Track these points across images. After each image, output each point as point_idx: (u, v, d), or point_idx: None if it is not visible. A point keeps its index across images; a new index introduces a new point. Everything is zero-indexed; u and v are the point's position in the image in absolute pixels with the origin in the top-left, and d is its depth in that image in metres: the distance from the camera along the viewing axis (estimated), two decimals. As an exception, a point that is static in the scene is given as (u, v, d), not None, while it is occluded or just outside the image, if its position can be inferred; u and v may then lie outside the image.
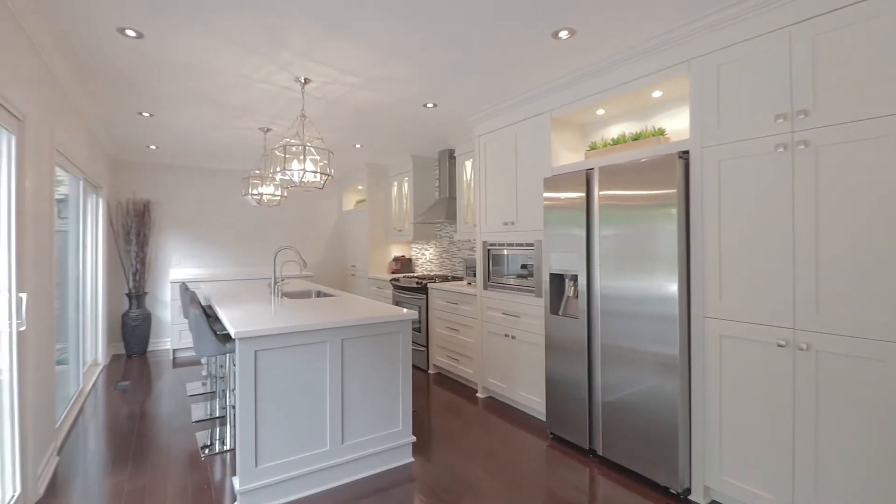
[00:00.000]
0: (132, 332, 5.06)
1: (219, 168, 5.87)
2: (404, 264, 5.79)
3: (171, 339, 5.15)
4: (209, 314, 3.48)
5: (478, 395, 3.78)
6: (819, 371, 1.80)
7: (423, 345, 4.54)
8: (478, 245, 3.75)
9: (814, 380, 1.81)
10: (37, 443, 2.26)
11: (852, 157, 1.71)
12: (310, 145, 2.81)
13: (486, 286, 3.66)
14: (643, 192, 2.33)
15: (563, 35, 2.29)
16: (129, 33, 2.25)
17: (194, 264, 5.69)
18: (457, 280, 4.65)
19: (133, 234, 5.17)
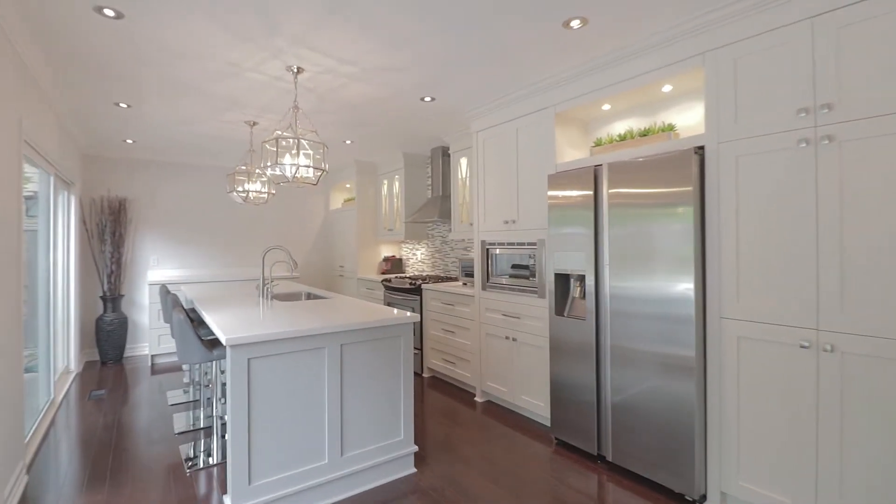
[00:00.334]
0: (107, 337, 4.78)
1: (200, 164, 5.61)
2: (395, 264, 5.64)
3: (150, 345, 4.88)
4: (192, 318, 3.28)
5: (476, 399, 3.66)
6: (844, 373, 1.74)
7: (418, 347, 4.41)
8: (476, 244, 3.63)
9: (839, 382, 1.75)
10: (3, 460, 2.04)
11: (879, 152, 1.65)
12: (304, 139, 2.65)
13: (484, 287, 3.55)
14: (656, 190, 2.25)
15: (575, 24, 2.19)
16: (107, 13, 2.06)
17: (173, 265, 5.43)
18: (451, 280, 4.53)
19: (108, 233, 4.89)
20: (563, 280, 2.81)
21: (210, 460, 2.63)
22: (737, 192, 2.04)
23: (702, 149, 2.17)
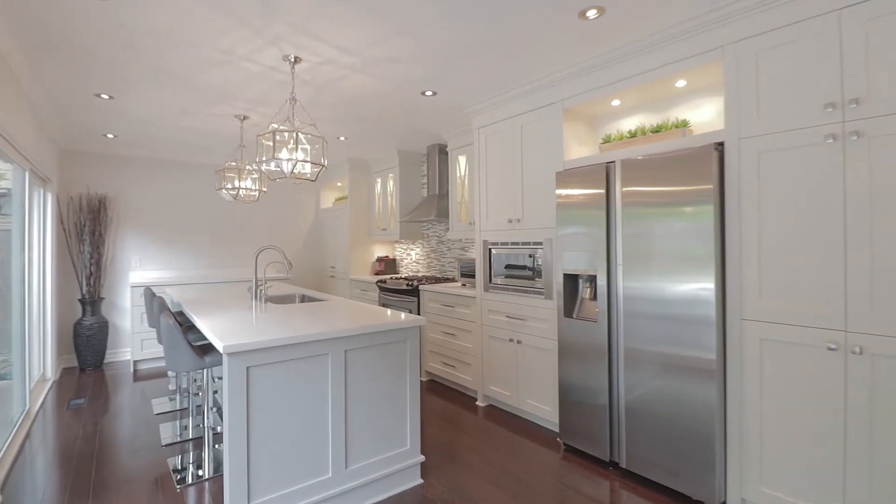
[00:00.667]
0: (86, 342, 4.53)
1: (185, 161, 5.39)
2: (388, 265, 5.50)
3: (132, 350, 4.64)
4: (180, 322, 3.10)
5: (477, 403, 3.56)
6: (874, 376, 1.68)
7: (414, 350, 4.28)
8: (477, 244, 3.53)
9: (868, 386, 1.70)
10: (-27, 483, 1.86)
11: (911, 148, 1.60)
12: (302, 132, 2.51)
13: (486, 288, 3.44)
14: (674, 188, 2.17)
15: (592, 14, 2.10)
16: (90, -8, 1.90)
17: (157, 266, 5.20)
18: (448, 281, 4.42)
19: (87, 232, 4.64)
20: (571, 281, 2.73)
21: (201, 473, 2.47)
22: (759, 189, 1.97)
23: (721, 145, 2.10)
